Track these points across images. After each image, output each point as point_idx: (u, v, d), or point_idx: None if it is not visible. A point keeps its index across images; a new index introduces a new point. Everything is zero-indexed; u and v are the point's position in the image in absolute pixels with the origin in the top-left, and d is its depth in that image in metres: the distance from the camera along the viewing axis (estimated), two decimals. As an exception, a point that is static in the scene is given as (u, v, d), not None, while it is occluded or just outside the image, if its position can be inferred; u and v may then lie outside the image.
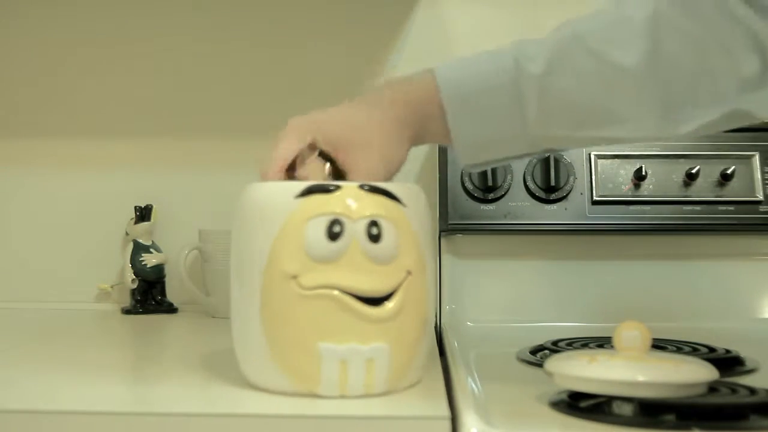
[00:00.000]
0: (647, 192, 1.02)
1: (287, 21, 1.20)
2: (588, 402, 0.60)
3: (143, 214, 1.16)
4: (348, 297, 0.62)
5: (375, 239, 0.63)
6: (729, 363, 0.75)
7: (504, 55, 0.66)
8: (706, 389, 0.59)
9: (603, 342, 0.82)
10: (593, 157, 1.03)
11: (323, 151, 0.69)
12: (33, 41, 1.23)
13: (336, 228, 0.62)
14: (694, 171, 1.01)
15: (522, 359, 0.79)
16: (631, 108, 0.63)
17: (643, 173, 1.01)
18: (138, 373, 0.79)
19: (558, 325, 1.00)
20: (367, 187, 0.64)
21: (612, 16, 0.65)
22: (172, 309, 1.15)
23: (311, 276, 0.62)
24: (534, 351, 0.80)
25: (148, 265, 1.15)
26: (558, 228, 1.02)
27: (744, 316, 1.03)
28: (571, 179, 1.02)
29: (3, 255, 1.22)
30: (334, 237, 0.62)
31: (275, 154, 0.67)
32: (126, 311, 1.14)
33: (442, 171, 1.04)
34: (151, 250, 1.16)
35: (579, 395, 0.60)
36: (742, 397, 0.61)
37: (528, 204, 1.02)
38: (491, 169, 1.02)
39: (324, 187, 0.63)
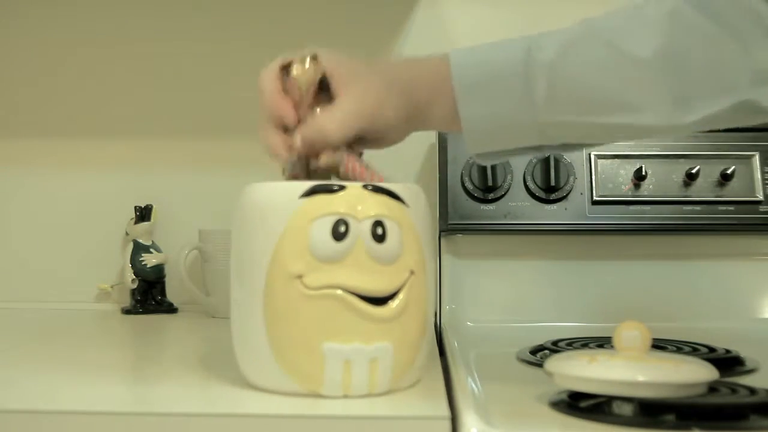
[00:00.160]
0: (647, 192, 1.02)
1: (287, 21, 1.20)
2: (588, 402, 0.60)
3: (143, 214, 1.16)
4: (352, 297, 0.62)
5: (380, 239, 0.63)
6: (729, 363, 0.75)
7: (517, 44, 0.67)
8: (706, 389, 0.59)
9: (603, 342, 0.82)
10: (593, 157, 1.03)
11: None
12: (33, 41, 1.23)
13: (341, 228, 0.62)
14: (694, 171, 1.01)
15: (522, 359, 0.78)
16: (641, 96, 0.64)
17: (643, 173, 1.01)
18: (138, 373, 0.79)
19: (558, 325, 1.00)
20: (371, 187, 0.64)
21: (629, 12, 0.66)
22: (172, 309, 1.15)
23: (316, 276, 0.62)
24: (534, 351, 0.80)
25: (148, 265, 1.15)
26: (558, 228, 1.02)
27: (744, 316, 1.03)
28: (571, 179, 1.02)
29: (3, 255, 1.22)
30: (339, 237, 0.62)
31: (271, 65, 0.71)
32: (126, 311, 1.14)
33: (442, 171, 1.04)
34: (151, 250, 1.16)
35: (579, 395, 0.60)
36: (742, 397, 0.61)
37: (528, 204, 1.02)
38: (491, 169, 1.02)
39: (328, 187, 0.63)
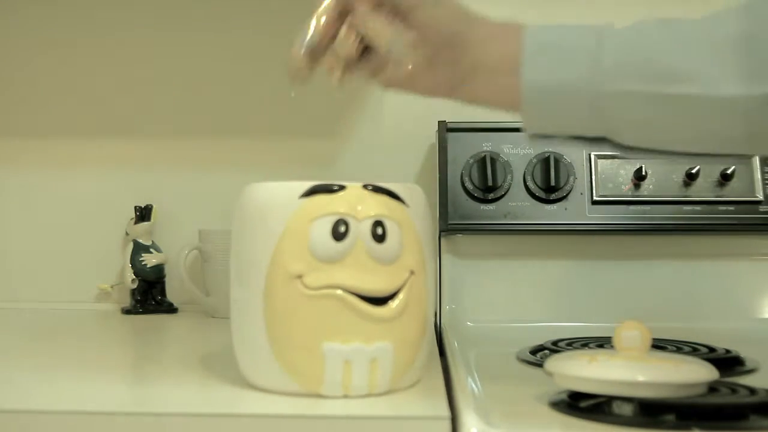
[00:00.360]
0: (647, 192, 1.02)
1: (287, 22, 1.20)
2: (588, 402, 0.60)
3: (143, 214, 1.16)
4: (352, 297, 0.62)
5: (380, 239, 0.63)
6: (729, 363, 0.75)
7: (591, 25, 0.67)
8: (706, 389, 0.59)
9: (603, 342, 0.82)
10: (593, 157, 1.03)
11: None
12: (33, 41, 1.23)
13: (341, 228, 0.62)
14: (694, 171, 1.01)
15: (522, 359, 0.79)
16: (715, 67, 0.63)
17: (643, 173, 1.01)
18: (138, 373, 0.79)
19: (558, 325, 1.00)
20: (371, 187, 0.64)
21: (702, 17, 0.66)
22: (172, 309, 1.15)
23: (316, 276, 0.62)
24: (534, 351, 0.80)
25: (148, 265, 1.15)
26: (558, 228, 1.02)
27: (744, 316, 1.03)
28: (571, 179, 1.02)
29: (3, 255, 1.22)
30: (339, 237, 0.62)
31: None
32: (126, 311, 1.14)
33: (442, 171, 1.04)
34: (151, 250, 1.16)
35: (579, 395, 0.60)
36: (742, 397, 0.61)
37: (528, 204, 1.02)
38: (491, 169, 1.01)
39: (328, 187, 0.63)
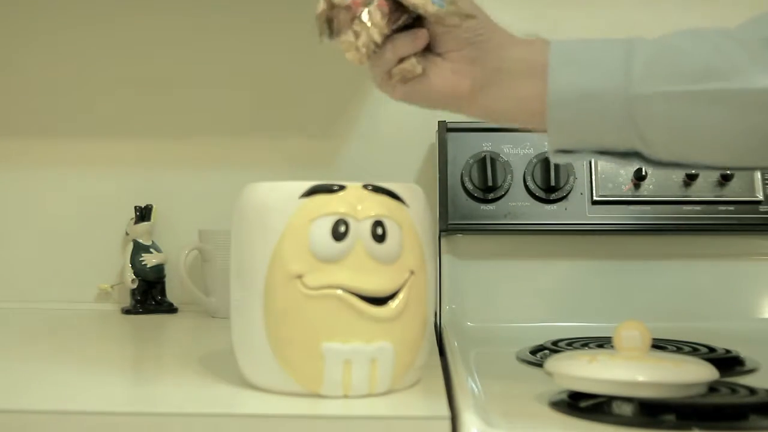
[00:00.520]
0: (647, 192, 1.02)
1: (287, 21, 1.20)
2: (588, 402, 0.60)
3: (143, 214, 1.16)
4: (352, 297, 0.62)
5: (380, 239, 0.63)
6: (729, 363, 0.75)
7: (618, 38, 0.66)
8: (706, 389, 0.59)
9: (603, 342, 0.82)
10: (593, 157, 1.03)
11: None
12: (33, 41, 1.23)
13: (341, 228, 0.62)
14: (693, 171, 1.01)
15: (522, 359, 0.79)
16: (743, 62, 0.62)
17: (643, 173, 1.01)
18: (138, 373, 0.79)
19: (558, 325, 1.00)
20: (371, 187, 0.64)
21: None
22: (172, 309, 1.15)
23: (316, 276, 0.62)
24: (534, 351, 0.81)
25: (148, 265, 1.15)
26: (558, 228, 1.02)
27: (744, 316, 1.03)
28: (571, 179, 1.02)
29: (3, 255, 1.22)
30: (339, 237, 0.62)
31: None
32: (126, 311, 1.14)
33: (442, 171, 1.04)
34: (151, 250, 1.16)
35: (579, 395, 0.60)
36: (742, 397, 0.61)
37: (528, 204, 1.02)
38: (491, 169, 1.01)
39: (328, 187, 0.63)
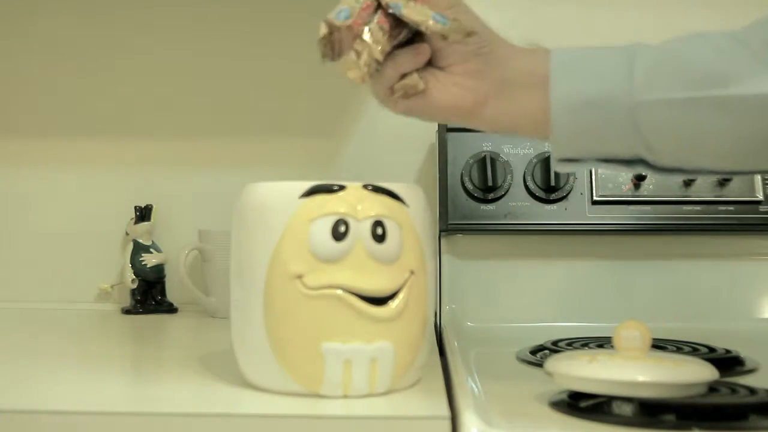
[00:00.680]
0: (647, 192, 1.02)
1: (286, 21, 1.20)
2: (588, 402, 0.60)
3: (143, 214, 1.16)
4: (352, 297, 0.62)
5: (380, 239, 0.63)
6: (729, 363, 0.75)
7: (619, 45, 0.66)
8: (706, 389, 0.59)
9: (603, 342, 0.82)
10: (593, 157, 1.03)
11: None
12: (33, 41, 1.23)
13: (341, 228, 0.62)
14: (697, 177, 1.01)
15: (522, 359, 0.79)
16: (749, 68, 0.61)
17: (643, 173, 1.01)
18: (138, 373, 0.79)
19: (558, 325, 1.00)
20: (371, 187, 0.64)
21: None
22: (172, 309, 1.15)
23: (316, 276, 0.62)
24: (534, 351, 0.80)
25: (148, 265, 1.15)
26: (558, 228, 1.02)
27: (744, 316, 1.03)
28: (571, 179, 1.02)
29: (3, 255, 1.22)
30: (339, 237, 0.62)
31: None
32: (126, 311, 1.14)
33: (442, 171, 1.04)
34: (151, 250, 1.16)
35: (579, 395, 0.60)
36: (742, 397, 0.61)
37: (528, 204, 1.02)
38: (491, 169, 1.01)
39: (328, 187, 0.63)
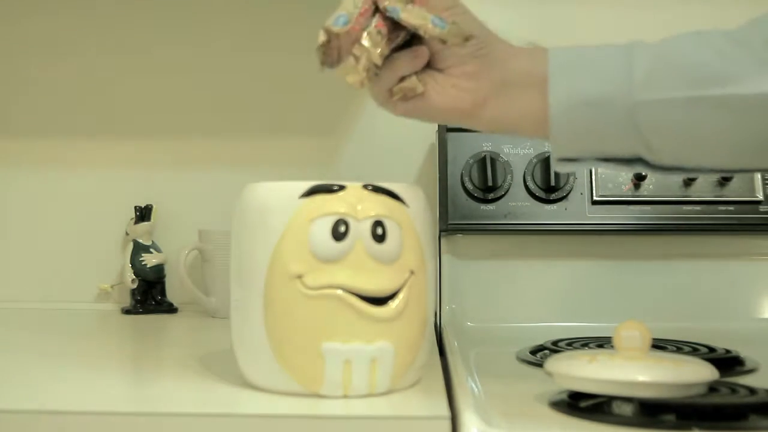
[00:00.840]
0: (647, 192, 1.02)
1: (286, 21, 1.20)
2: (588, 402, 0.60)
3: (143, 214, 1.16)
4: (352, 297, 0.62)
5: (380, 239, 0.63)
6: (729, 363, 0.75)
7: (617, 44, 0.65)
8: (706, 389, 0.59)
9: (603, 342, 0.82)
10: (593, 157, 1.03)
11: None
12: (33, 41, 1.23)
13: (341, 228, 0.62)
14: (695, 175, 1.01)
15: (522, 359, 0.79)
16: (752, 68, 0.61)
17: (643, 173, 1.01)
18: (138, 373, 0.79)
19: (558, 325, 1.00)
20: (371, 187, 0.64)
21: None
22: (172, 309, 1.15)
23: (316, 276, 0.62)
24: (534, 351, 0.80)
25: (148, 265, 1.15)
26: (558, 228, 1.02)
27: (744, 316, 1.03)
28: (571, 179, 1.02)
29: (3, 255, 1.22)
30: (339, 237, 0.62)
31: None
32: (126, 311, 1.14)
33: (442, 171, 1.04)
34: (151, 250, 1.16)
35: (579, 395, 0.60)
36: (742, 397, 0.61)
37: (528, 204, 1.02)
38: (491, 169, 1.01)
39: (328, 187, 0.64)
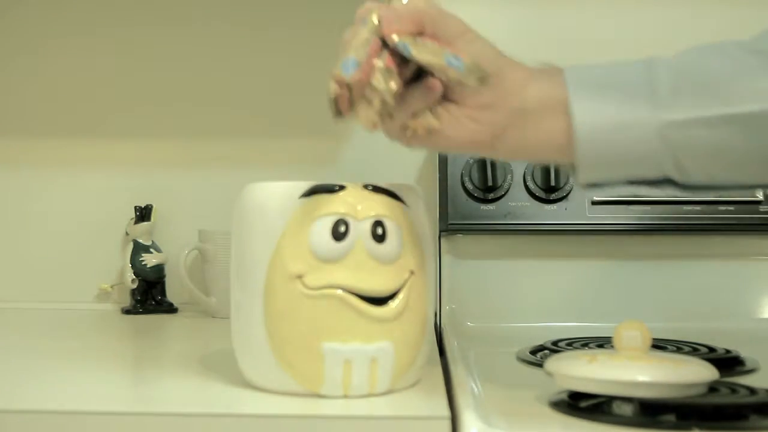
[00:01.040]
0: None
1: (286, 22, 1.20)
2: (588, 402, 0.60)
3: (143, 214, 1.16)
4: (352, 297, 0.62)
5: (380, 239, 0.63)
6: (729, 363, 0.75)
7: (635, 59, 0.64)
8: (706, 389, 0.59)
9: (603, 342, 0.82)
10: (593, 157, 1.03)
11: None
12: (33, 41, 1.23)
13: (341, 228, 0.62)
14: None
15: (522, 359, 0.79)
16: None
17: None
18: (138, 374, 0.79)
19: (558, 325, 1.00)
20: (371, 187, 0.64)
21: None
22: (172, 309, 1.15)
23: (316, 276, 0.62)
24: (534, 351, 0.80)
25: (148, 265, 1.15)
26: (558, 228, 1.02)
27: (744, 316, 1.03)
28: (571, 179, 1.02)
29: (3, 255, 1.22)
30: (339, 237, 0.62)
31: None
32: (126, 311, 1.14)
33: (442, 171, 1.04)
34: (151, 250, 1.16)
35: (579, 395, 0.60)
36: (742, 397, 0.61)
37: (528, 204, 1.02)
38: (491, 169, 1.01)
39: (328, 187, 0.63)
